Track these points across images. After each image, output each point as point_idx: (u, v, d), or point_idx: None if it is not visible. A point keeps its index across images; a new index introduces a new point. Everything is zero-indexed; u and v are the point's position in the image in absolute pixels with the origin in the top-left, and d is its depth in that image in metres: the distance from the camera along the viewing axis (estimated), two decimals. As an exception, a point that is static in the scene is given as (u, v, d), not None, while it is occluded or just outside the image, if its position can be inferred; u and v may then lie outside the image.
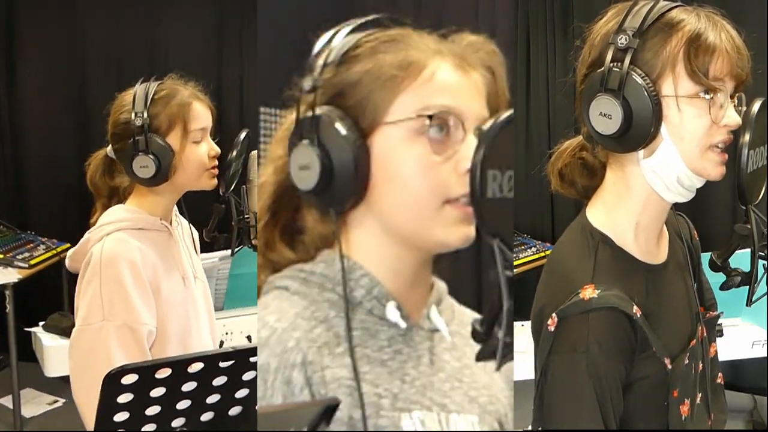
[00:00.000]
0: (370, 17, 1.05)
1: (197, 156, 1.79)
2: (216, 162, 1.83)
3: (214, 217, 1.92)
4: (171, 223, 1.86)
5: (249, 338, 2.96)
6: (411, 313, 1.05)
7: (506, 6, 2.88)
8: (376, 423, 0.97)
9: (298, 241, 1.07)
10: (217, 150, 1.83)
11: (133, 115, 1.74)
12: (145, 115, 1.74)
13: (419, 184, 0.98)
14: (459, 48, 1.03)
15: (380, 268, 1.03)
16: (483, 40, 1.06)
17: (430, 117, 0.98)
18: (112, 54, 4.39)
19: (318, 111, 0.99)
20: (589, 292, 1.15)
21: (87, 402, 1.65)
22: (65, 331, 2.99)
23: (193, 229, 2.00)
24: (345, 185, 0.98)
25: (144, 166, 1.73)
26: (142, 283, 1.70)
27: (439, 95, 0.99)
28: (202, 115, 1.81)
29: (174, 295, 1.78)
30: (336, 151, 0.98)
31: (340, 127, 0.98)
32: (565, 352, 1.15)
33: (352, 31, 1.03)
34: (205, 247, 2.06)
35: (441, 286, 1.10)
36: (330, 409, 0.89)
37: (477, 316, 1.16)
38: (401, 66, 0.99)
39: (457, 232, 1.00)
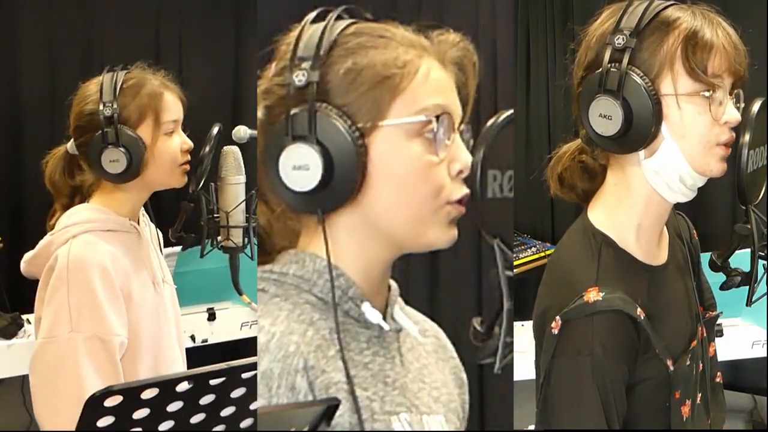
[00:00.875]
0: (345, 7, 1.01)
1: (169, 150, 1.66)
2: (188, 157, 1.70)
3: (182, 216, 1.76)
4: (139, 223, 1.74)
5: (192, 338, 2.90)
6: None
7: (506, 6, 2.88)
8: (372, 426, 0.96)
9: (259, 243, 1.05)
10: (190, 144, 1.70)
11: (101, 106, 1.62)
12: (115, 105, 1.62)
13: (419, 185, 0.97)
14: (438, 45, 1.02)
15: (353, 269, 1.00)
16: (459, 37, 1.04)
17: (437, 117, 0.97)
18: (44, 43, 4.00)
19: (314, 107, 0.95)
20: (593, 295, 1.15)
21: (53, 421, 1.53)
22: (1, 332, 2.91)
23: (158, 229, 1.87)
24: (343, 186, 0.95)
25: (114, 160, 1.60)
26: (114, 291, 1.57)
27: (435, 95, 0.98)
28: (173, 106, 1.69)
29: (145, 301, 1.66)
30: (337, 151, 0.95)
31: (341, 126, 0.95)
32: (569, 355, 1.15)
33: (337, 18, 1.00)
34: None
35: (395, 286, 1.08)
36: (331, 409, 0.89)
37: (420, 314, 1.15)
38: (396, 65, 0.97)
39: (448, 233, 0.98)
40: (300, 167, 0.95)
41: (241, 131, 1.74)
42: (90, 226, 1.62)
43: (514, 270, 0.95)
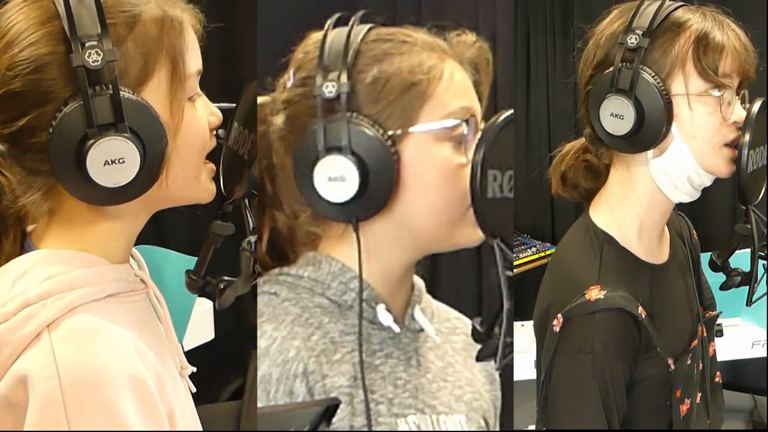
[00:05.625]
0: (363, 12, 1.02)
1: (200, 127, 0.94)
2: (215, 142, 0.99)
3: (209, 248, 1.03)
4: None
5: None
6: (397, 314, 1.04)
7: (506, 6, 2.88)
8: (375, 430, 0.97)
9: (274, 247, 1.05)
10: (219, 114, 0.99)
11: (76, 48, 0.82)
12: (107, 45, 0.83)
13: (450, 188, 0.97)
14: (456, 46, 1.03)
15: (369, 271, 1.00)
16: (475, 38, 1.05)
17: (466, 121, 0.98)
18: None
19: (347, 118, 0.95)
20: (595, 293, 1.15)
21: None
22: None
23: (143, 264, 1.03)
24: (378, 195, 0.95)
25: (116, 160, 0.83)
26: (158, 417, 0.84)
27: (461, 97, 0.99)
28: (195, 45, 0.95)
29: (187, 410, 0.96)
30: (372, 160, 0.94)
31: (375, 135, 0.95)
32: (570, 353, 1.15)
33: (351, 30, 1.00)
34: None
35: (420, 284, 1.09)
36: (331, 408, 0.89)
37: (453, 311, 1.15)
38: (422, 70, 0.98)
39: (474, 233, 0.99)
40: (336, 178, 0.94)
41: None
42: (79, 296, 0.85)
43: (514, 270, 0.95)
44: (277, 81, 1.02)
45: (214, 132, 0.99)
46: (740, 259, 1.32)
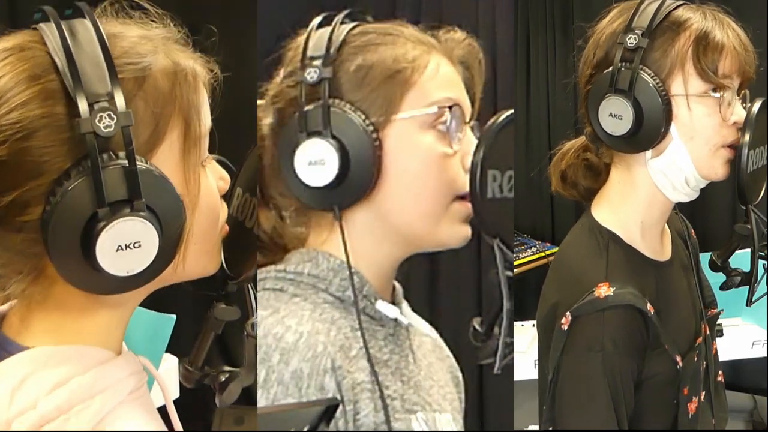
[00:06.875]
0: (349, 11, 1.02)
1: (213, 198, 0.84)
2: (226, 209, 0.90)
3: (209, 335, 0.94)
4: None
5: None
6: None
7: (506, 6, 2.88)
8: (393, 426, 0.96)
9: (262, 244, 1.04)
10: (228, 179, 0.89)
11: (82, 107, 0.69)
12: (123, 107, 0.71)
13: (434, 177, 0.97)
14: (445, 42, 1.03)
15: (365, 267, 1.00)
16: (464, 36, 1.05)
17: (450, 108, 0.97)
18: None
19: (328, 102, 0.95)
20: (604, 290, 1.15)
21: None
22: None
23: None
24: (359, 180, 0.95)
25: (130, 245, 0.70)
26: None
27: (446, 89, 0.99)
28: (206, 100, 0.84)
29: None
30: (352, 145, 0.95)
31: (356, 120, 0.95)
32: (579, 351, 1.15)
33: (343, 22, 1.01)
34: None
35: (399, 287, 1.09)
36: (331, 409, 0.89)
37: (416, 315, 1.15)
38: (406, 59, 0.98)
39: (460, 231, 0.99)
40: (316, 162, 0.95)
41: None
42: (104, 402, 0.74)
43: (514, 270, 0.95)
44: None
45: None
46: (740, 259, 1.32)
